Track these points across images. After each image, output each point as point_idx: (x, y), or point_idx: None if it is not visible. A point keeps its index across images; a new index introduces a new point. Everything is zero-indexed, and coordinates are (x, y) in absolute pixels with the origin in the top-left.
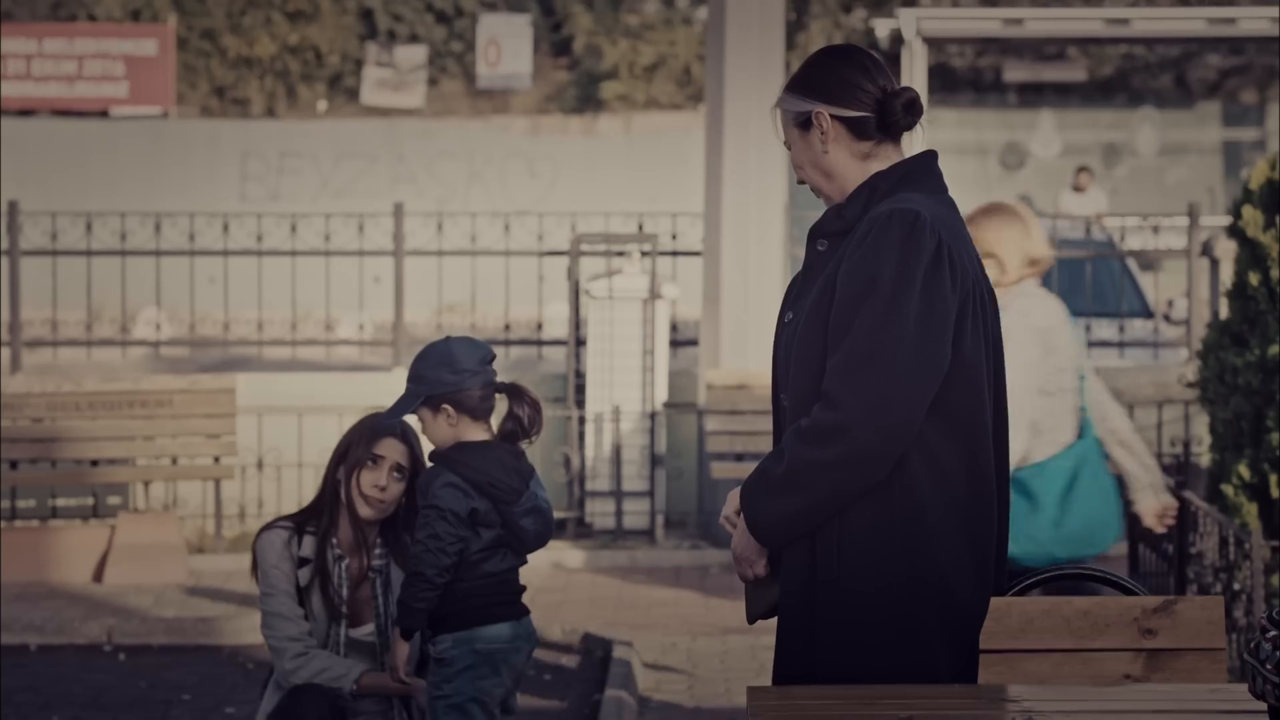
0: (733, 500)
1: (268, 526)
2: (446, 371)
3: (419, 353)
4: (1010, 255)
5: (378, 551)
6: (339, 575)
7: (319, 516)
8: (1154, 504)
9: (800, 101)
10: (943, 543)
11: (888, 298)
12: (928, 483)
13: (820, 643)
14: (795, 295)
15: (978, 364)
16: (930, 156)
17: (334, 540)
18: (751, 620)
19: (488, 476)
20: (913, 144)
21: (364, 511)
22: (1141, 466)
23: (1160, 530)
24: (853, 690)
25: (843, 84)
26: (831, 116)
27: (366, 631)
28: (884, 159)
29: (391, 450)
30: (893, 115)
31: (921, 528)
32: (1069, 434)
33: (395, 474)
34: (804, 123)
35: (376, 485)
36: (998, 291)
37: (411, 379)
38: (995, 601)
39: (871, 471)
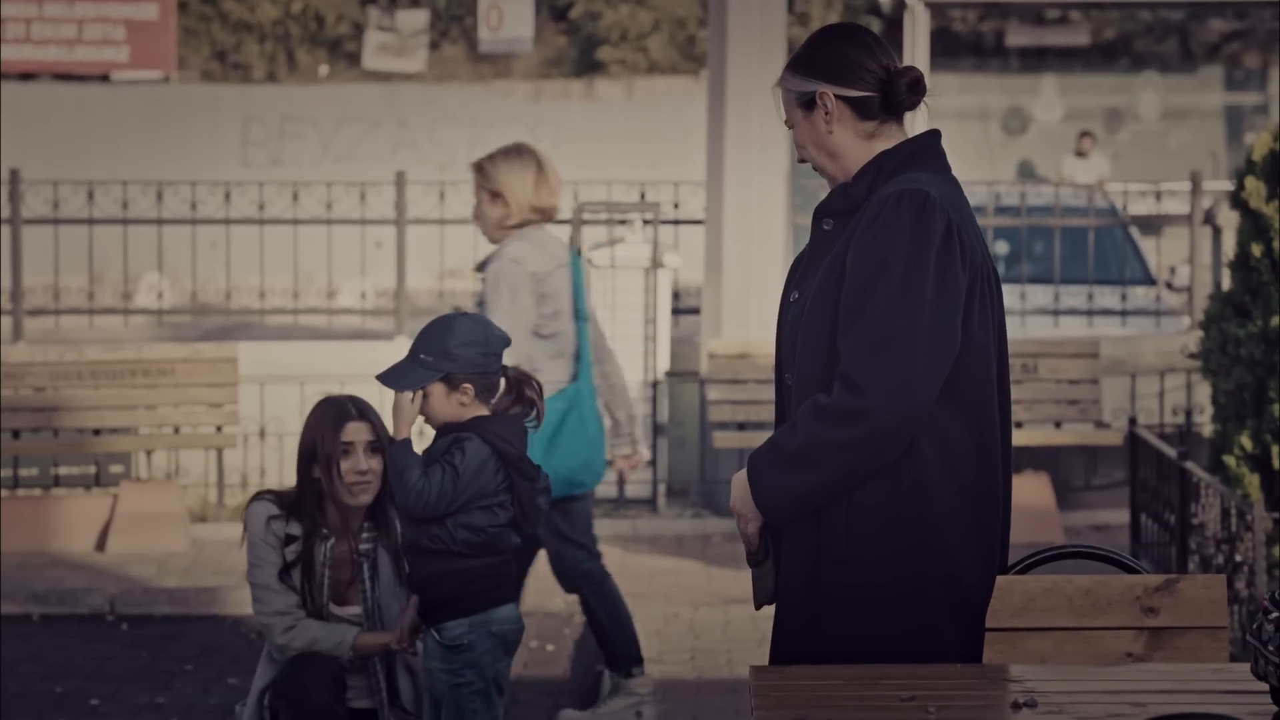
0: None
1: (258, 496)
2: (478, 353)
3: (442, 326)
4: (516, 199)
5: (365, 535)
6: (324, 559)
7: (303, 511)
8: (628, 453)
9: (804, 81)
10: (951, 524)
11: (902, 279)
12: (937, 464)
13: (825, 623)
14: (800, 275)
15: (986, 343)
16: (934, 136)
17: (324, 530)
18: (759, 605)
19: (519, 451)
20: (915, 123)
21: (354, 500)
22: (627, 416)
23: (627, 474)
24: (856, 670)
25: (847, 63)
26: (836, 96)
27: (353, 613)
28: (888, 138)
29: (359, 433)
30: (897, 95)
31: (930, 509)
32: (563, 375)
33: (369, 452)
34: (808, 102)
35: (356, 471)
36: (500, 234)
37: (434, 353)
38: (998, 580)
39: (887, 452)
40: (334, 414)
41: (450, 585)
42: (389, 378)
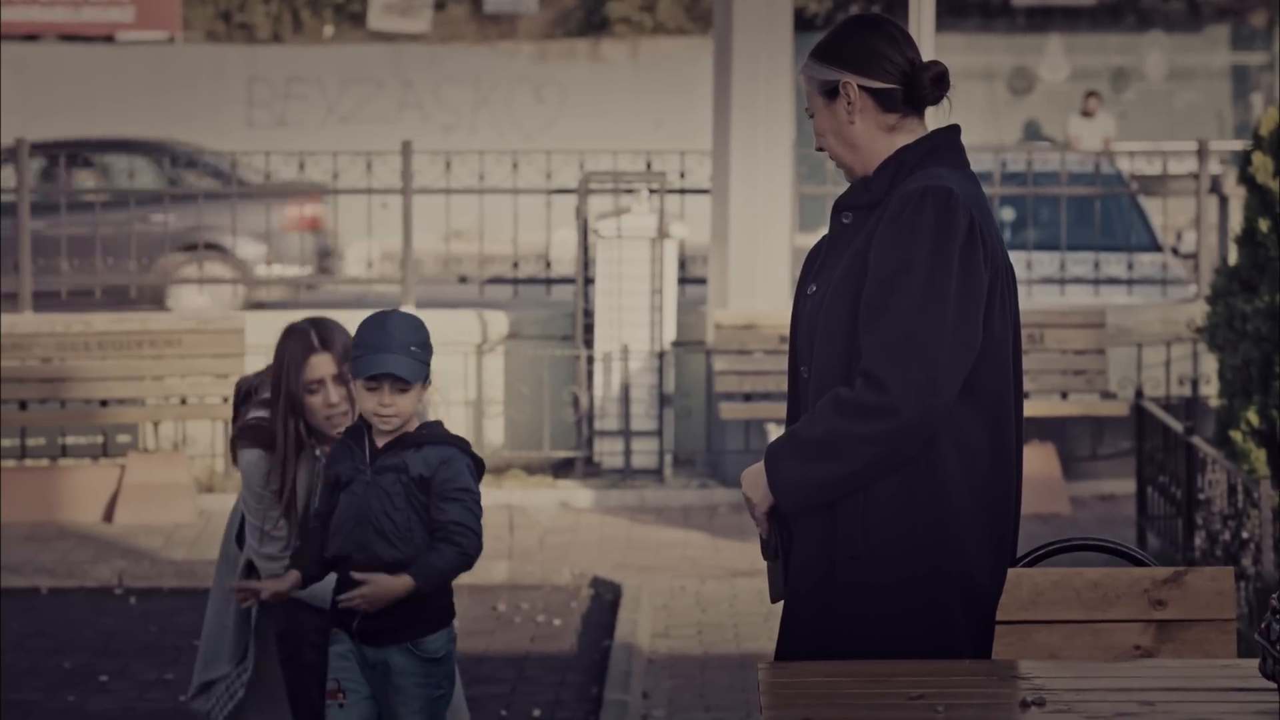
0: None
1: (246, 442)
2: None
3: (414, 321)
4: None
5: None
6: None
7: (288, 444)
8: None
9: (827, 70)
10: (966, 521)
11: (925, 277)
12: (954, 461)
13: (838, 618)
14: (819, 267)
15: (1005, 341)
16: (954, 131)
17: (312, 454)
18: (775, 599)
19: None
20: (938, 115)
21: (333, 432)
22: None
23: None
24: (865, 666)
25: (872, 54)
26: (859, 87)
27: None
28: (909, 132)
29: (323, 367)
30: (921, 89)
31: (946, 505)
32: None
33: (337, 383)
34: (830, 91)
35: (327, 405)
36: None
37: (423, 346)
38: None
39: (907, 449)
40: (297, 350)
41: (434, 599)
42: (402, 369)
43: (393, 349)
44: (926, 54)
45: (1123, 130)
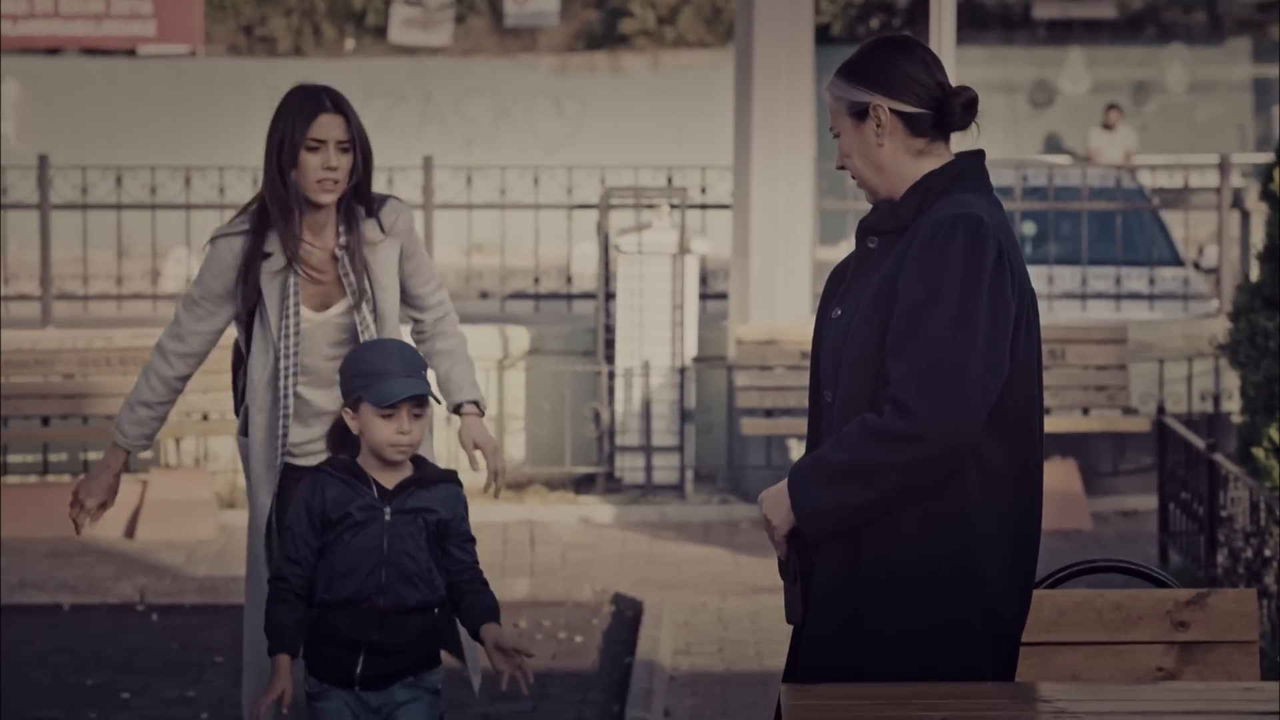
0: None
1: (223, 234)
2: None
3: (416, 351)
4: None
5: (341, 229)
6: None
7: (274, 213)
8: None
9: (858, 90)
10: (991, 547)
11: (956, 305)
12: (979, 487)
13: (861, 643)
14: (843, 291)
15: (1029, 368)
16: (980, 156)
17: (293, 229)
18: (792, 621)
19: None
20: (964, 139)
21: (318, 198)
22: None
23: None
24: (886, 689)
25: (904, 77)
26: (890, 110)
27: (339, 311)
28: (935, 156)
29: (331, 128)
30: (951, 115)
31: (971, 531)
32: None
33: (341, 149)
34: (860, 113)
35: (325, 167)
36: None
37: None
38: None
39: (934, 477)
40: (307, 104)
41: (439, 632)
42: (426, 391)
43: (405, 372)
44: (947, 66)
45: (1144, 143)
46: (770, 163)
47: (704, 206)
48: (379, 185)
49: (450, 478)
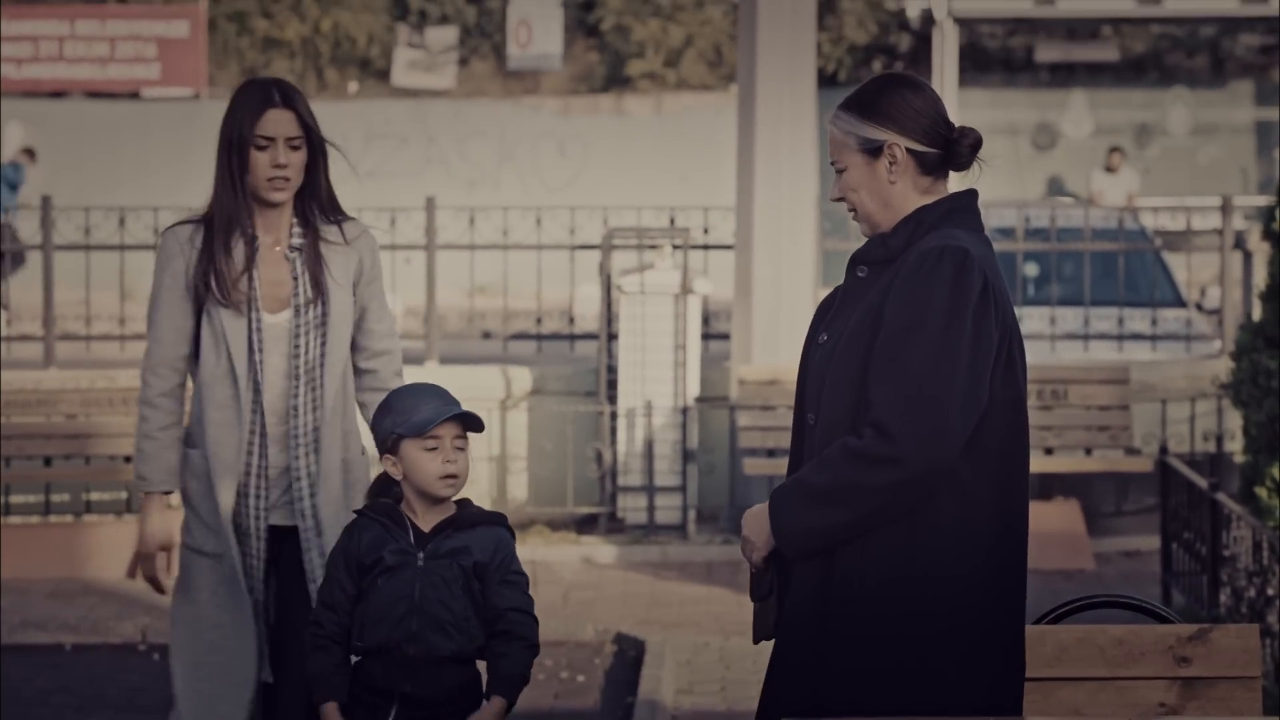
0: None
1: (170, 228)
2: None
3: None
4: None
5: (295, 230)
6: (247, 257)
7: (227, 210)
8: None
9: (872, 128)
10: (963, 568)
11: (939, 332)
12: (954, 513)
13: (829, 661)
14: (831, 317)
15: (1012, 399)
16: (973, 196)
17: (246, 226)
18: (757, 640)
19: None
20: (965, 178)
21: (268, 196)
22: None
23: None
24: None
25: (919, 116)
26: (905, 149)
27: (286, 316)
28: (936, 194)
29: (279, 125)
30: (959, 155)
31: (944, 558)
32: None
33: (291, 146)
34: (873, 150)
35: (273, 164)
36: None
37: None
38: (1030, 630)
39: (910, 499)
40: (255, 99)
41: (477, 683)
42: (470, 414)
43: (439, 398)
44: (950, 109)
45: (1146, 186)
46: (773, 203)
47: (706, 247)
48: (382, 226)
49: (495, 519)
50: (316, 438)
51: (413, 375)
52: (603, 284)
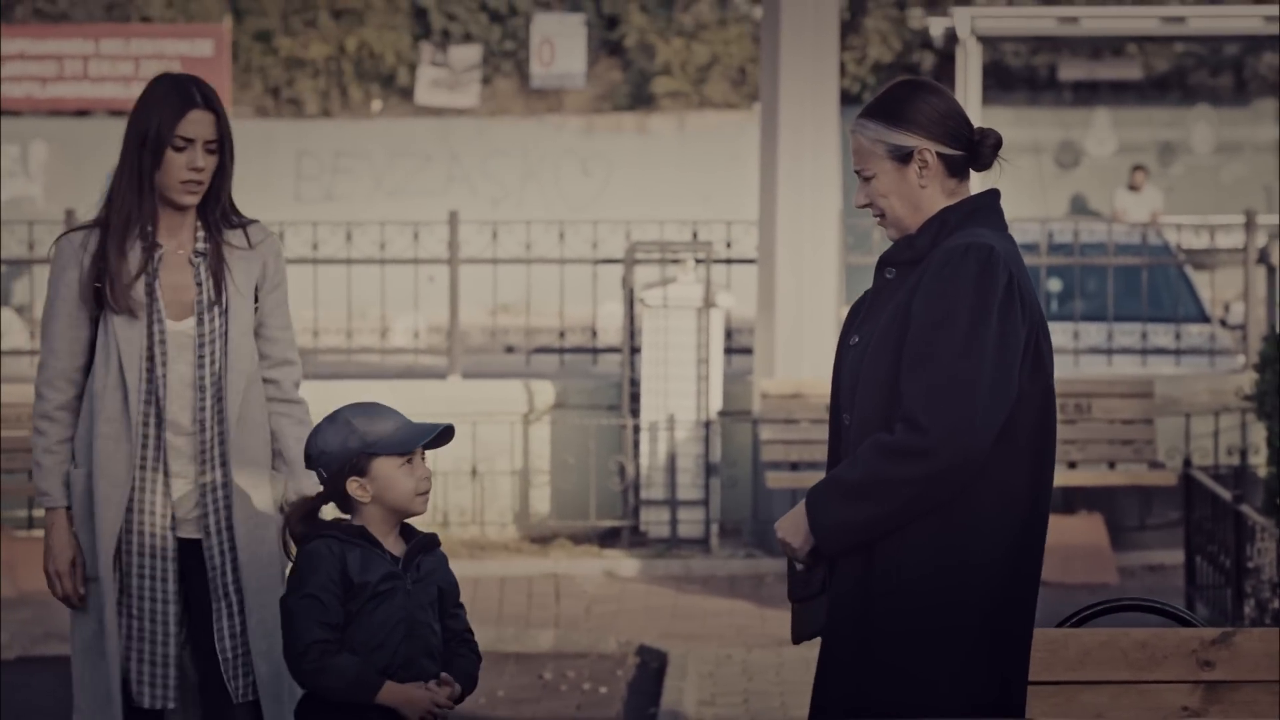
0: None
1: (64, 234)
2: None
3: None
4: None
5: (200, 235)
6: (152, 266)
7: (128, 211)
8: None
9: (902, 134)
10: (999, 563)
11: (966, 327)
12: (991, 505)
13: (874, 653)
14: (862, 319)
15: (1044, 391)
16: (994, 195)
17: (148, 229)
18: (797, 640)
19: None
20: (987, 178)
21: (180, 199)
22: None
23: None
24: None
25: (943, 120)
26: (935, 153)
27: (190, 324)
28: (961, 195)
29: (200, 127)
30: (983, 156)
31: (980, 546)
32: None
33: (208, 150)
34: (904, 156)
35: (190, 168)
36: None
37: None
38: (1053, 633)
39: (945, 492)
40: (176, 99)
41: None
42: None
43: (404, 417)
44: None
45: (1170, 204)
46: (795, 217)
47: (729, 261)
48: (405, 241)
49: (437, 538)
50: (223, 450)
51: (435, 390)
52: (625, 297)
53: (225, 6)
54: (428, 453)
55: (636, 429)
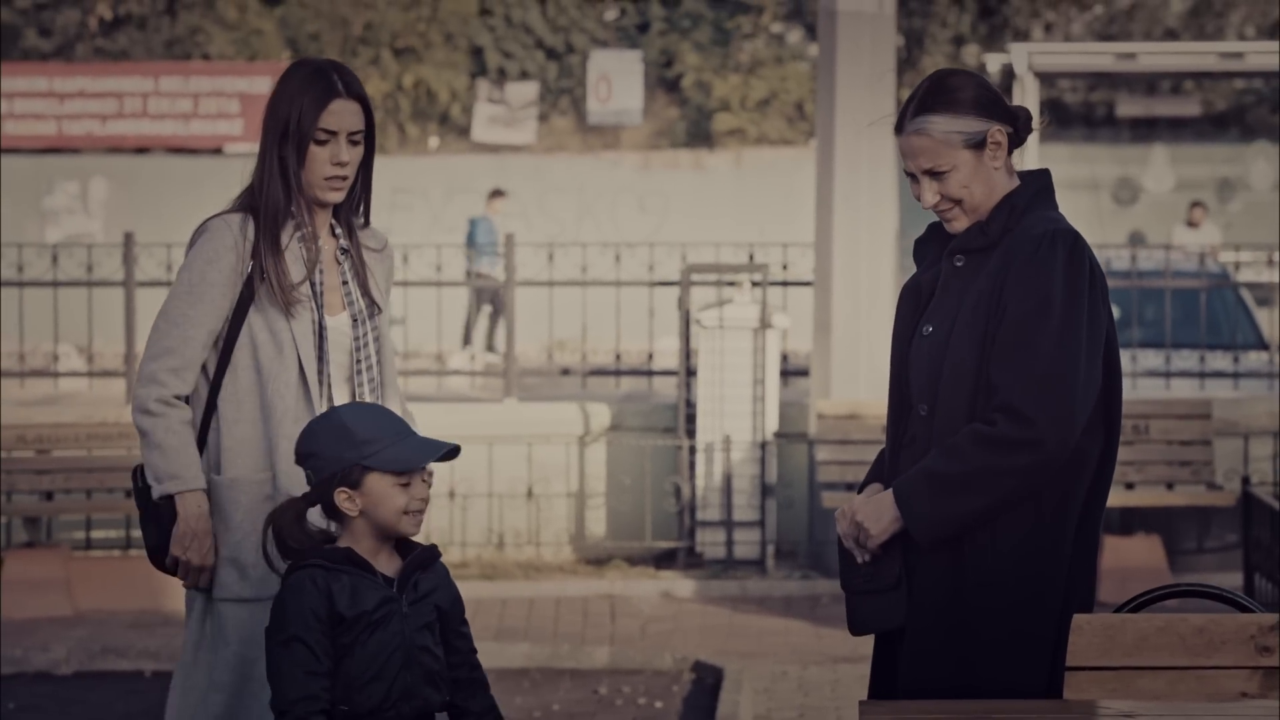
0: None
1: (220, 216)
2: None
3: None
4: None
5: (338, 230)
6: (311, 257)
7: (276, 205)
8: None
9: (972, 121)
10: (1079, 552)
11: (1061, 317)
12: (1084, 492)
13: (966, 645)
14: (931, 309)
15: (1113, 374)
16: (1048, 175)
17: (303, 223)
18: (862, 632)
19: None
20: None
21: (324, 196)
22: None
23: None
24: (962, 705)
25: (997, 100)
26: (1003, 132)
27: (344, 320)
28: (1013, 172)
29: (344, 118)
30: (1025, 131)
31: (1066, 535)
32: None
33: (353, 142)
34: (978, 143)
35: (334, 162)
36: None
37: None
38: (1110, 618)
39: (1043, 481)
40: (317, 87)
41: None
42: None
43: (409, 431)
44: (1031, 164)
45: (1228, 240)
46: (852, 239)
47: (785, 284)
48: (459, 263)
49: (435, 551)
50: None
51: (491, 414)
52: (681, 319)
53: (284, 44)
54: (435, 472)
55: (692, 450)
